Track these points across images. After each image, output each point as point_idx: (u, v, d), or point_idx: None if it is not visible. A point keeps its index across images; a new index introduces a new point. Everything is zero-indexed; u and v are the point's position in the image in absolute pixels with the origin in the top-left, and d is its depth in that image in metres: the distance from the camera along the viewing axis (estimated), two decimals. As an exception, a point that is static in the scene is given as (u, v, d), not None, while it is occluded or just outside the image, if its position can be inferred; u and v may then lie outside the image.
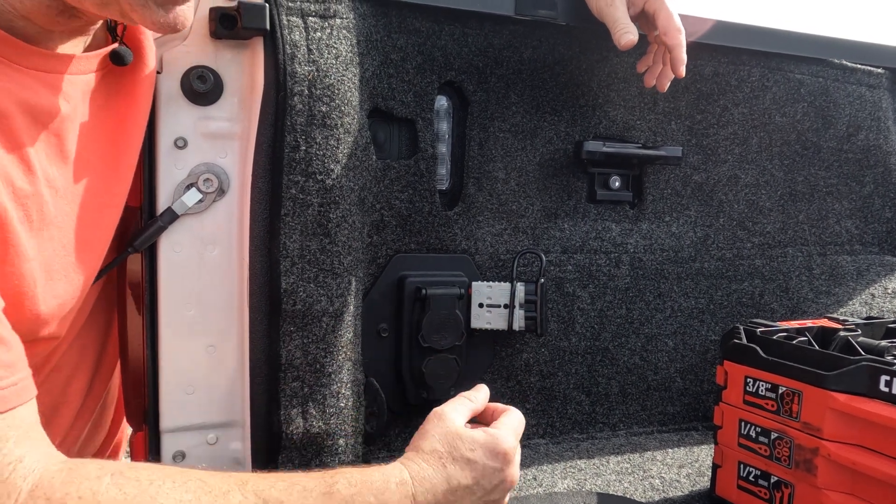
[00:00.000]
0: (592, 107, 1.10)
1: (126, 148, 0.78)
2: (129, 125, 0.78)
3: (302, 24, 0.84)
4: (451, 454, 0.69)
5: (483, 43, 1.01)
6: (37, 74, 0.67)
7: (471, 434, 0.71)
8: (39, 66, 0.68)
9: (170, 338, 0.86)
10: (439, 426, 0.71)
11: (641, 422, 1.19)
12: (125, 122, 0.77)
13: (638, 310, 1.16)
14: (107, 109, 0.76)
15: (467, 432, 0.71)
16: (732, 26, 1.15)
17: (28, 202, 0.67)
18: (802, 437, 0.78)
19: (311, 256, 0.86)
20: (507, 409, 0.78)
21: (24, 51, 0.66)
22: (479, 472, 0.69)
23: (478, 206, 1.05)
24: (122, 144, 0.77)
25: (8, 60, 0.65)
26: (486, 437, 0.71)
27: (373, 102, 0.95)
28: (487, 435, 0.71)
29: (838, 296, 1.29)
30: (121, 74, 0.76)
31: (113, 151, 0.77)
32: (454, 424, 0.72)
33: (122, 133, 0.77)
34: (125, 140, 0.78)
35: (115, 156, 0.77)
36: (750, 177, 1.23)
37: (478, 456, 0.70)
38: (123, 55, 0.74)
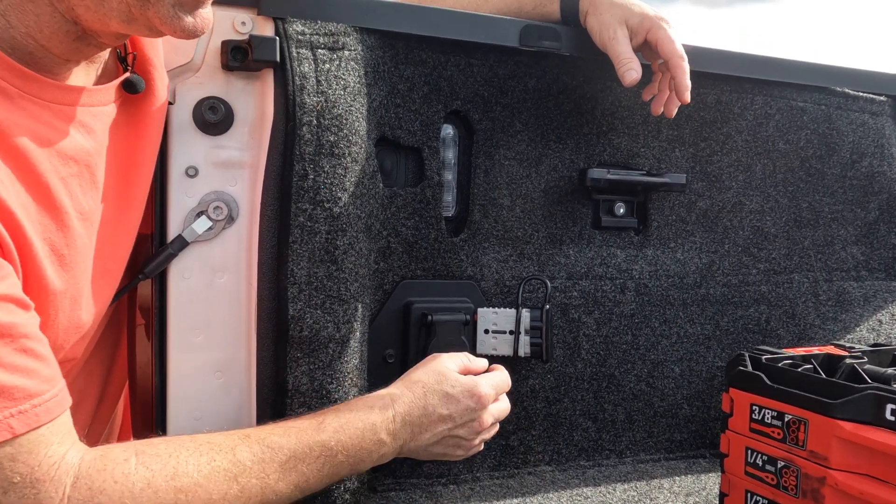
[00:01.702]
0: (597, 135, 1.12)
1: (138, 177, 0.80)
2: (142, 154, 0.80)
3: (311, 57, 0.87)
4: (433, 387, 0.81)
5: (488, 73, 1.03)
6: (61, 109, 0.69)
7: (455, 375, 0.83)
8: (62, 100, 0.70)
9: (178, 363, 0.87)
10: (430, 364, 0.84)
11: (648, 449, 1.18)
12: (138, 151, 0.79)
13: (644, 336, 1.17)
14: (122, 139, 0.78)
15: (452, 374, 0.83)
16: (735, 55, 1.17)
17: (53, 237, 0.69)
18: (809, 466, 0.78)
19: (319, 283, 0.87)
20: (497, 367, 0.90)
21: (46, 85, 0.68)
22: (454, 406, 0.81)
23: (483, 232, 1.06)
24: (135, 173, 0.79)
25: (31, 96, 0.67)
26: (466, 380, 0.83)
27: (380, 131, 0.97)
28: (469, 379, 0.83)
29: (845, 322, 1.29)
30: (134, 103, 0.78)
31: (126, 180, 0.79)
32: (443, 365, 0.84)
33: (135, 162, 0.79)
34: (138, 169, 0.79)
35: (128, 184, 0.79)
36: (755, 203, 1.24)
37: (456, 392, 0.82)
38: (136, 83, 0.77)
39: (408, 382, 0.82)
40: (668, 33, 0.98)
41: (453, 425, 0.82)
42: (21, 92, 0.66)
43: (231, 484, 0.69)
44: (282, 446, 0.73)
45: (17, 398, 0.60)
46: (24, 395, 0.61)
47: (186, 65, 0.85)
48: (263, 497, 0.71)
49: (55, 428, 0.63)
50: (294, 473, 0.73)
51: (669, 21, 1.00)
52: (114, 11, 0.65)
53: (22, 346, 0.61)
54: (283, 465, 0.72)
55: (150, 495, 0.65)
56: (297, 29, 0.86)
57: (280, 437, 0.74)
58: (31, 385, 0.61)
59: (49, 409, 0.63)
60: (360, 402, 0.80)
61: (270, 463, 0.72)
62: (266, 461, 0.72)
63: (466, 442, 0.85)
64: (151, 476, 0.66)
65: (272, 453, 0.72)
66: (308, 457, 0.74)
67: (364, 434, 0.77)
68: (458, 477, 1.06)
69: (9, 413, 0.59)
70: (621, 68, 0.97)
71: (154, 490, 0.66)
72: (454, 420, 0.82)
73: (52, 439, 0.63)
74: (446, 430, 0.82)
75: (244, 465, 0.70)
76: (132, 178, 0.79)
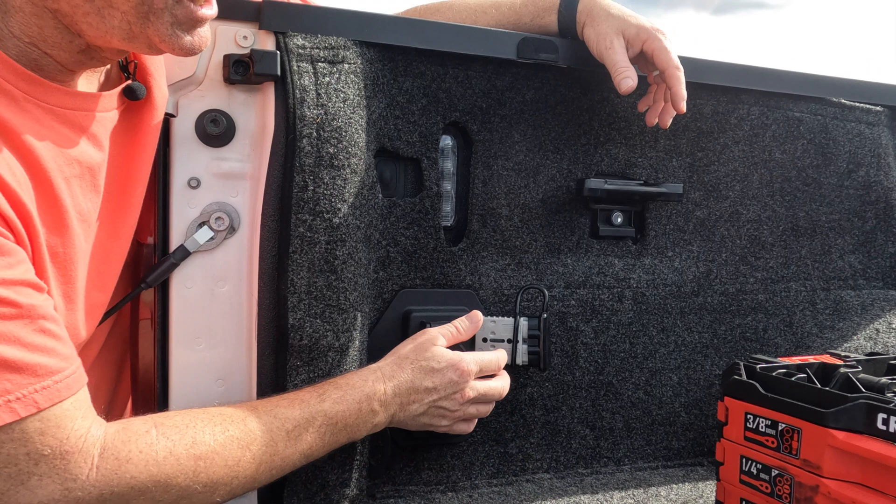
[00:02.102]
0: (594, 145, 1.13)
1: (135, 183, 0.81)
2: (139, 161, 0.81)
3: (311, 70, 0.88)
4: (420, 362, 0.88)
5: (486, 85, 1.05)
6: (65, 113, 0.71)
7: (441, 351, 0.90)
8: (67, 104, 0.71)
9: (180, 371, 0.88)
10: (419, 339, 0.91)
11: (646, 457, 1.18)
12: (135, 159, 0.81)
13: (641, 344, 1.17)
14: (121, 146, 0.79)
15: (438, 349, 0.90)
16: (731, 66, 1.18)
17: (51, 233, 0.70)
18: (803, 475, 0.79)
19: (318, 292, 0.88)
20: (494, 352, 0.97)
21: (50, 89, 0.70)
22: (438, 379, 0.88)
23: (482, 242, 1.07)
24: (132, 180, 0.81)
25: (36, 100, 0.68)
26: (451, 355, 0.90)
27: (379, 143, 0.98)
28: (454, 354, 0.90)
29: (842, 331, 1.29)
30: (133, 111, 0.80)
31: (123, 186, 0.80)
32: (430, 341, 0.90)
33: (132, 168, 0.81)
34: (135, 176, 0.81)
35: (124, 190, 0.80)
36: (752, 212, 1.25)
37: (441, 367, 0.89)
38: (137, 90, 0.79)
39: (397, 358, 0.89)
40: (664, 44, 1.00)
41: (438, 397, 0.89)
42: (26, 96, 0.68)
43: (244, 451, 0.75)
44: (288, 416, 0.79)
45: (40, 375, 0.63)
46: (47, 372, 0.64)
47: (189, 78, 0.86)
48: (272, 463, 0.77)
49: (77, 403, 0.67)
50: (300, 441, 0.79)
51: (666, 32, 1.01)
52: (115, 29, 0.67)
53: (41, 326, 0.65)
54: (289, 433, 0.78)
55: (172, 463, 0.70)
56: (298, 43, 0.88)
57: (286, 409, 0.79)
58: (51, 363, 0.65)
59: (69, 384, 0.66)
60: (356, 377, 0.86)
61: (278, 431, 0.77)
62: (274, 430, 0.77)
63: (450, 413, 0.91)
64: (172, 445, 0.71)
65: (279, 423, 0.78)
66: (312, 425, 0.80)
67: (360, 405, 0.83)
68: (456, 484, 1.07)
69: (33, 389, 0.63)
70: (617, 76, 0.99)
71: (176, 458, 0.70)
72: (438, 392, 0.89)
73: (75, 414, 0.66)
74: (431, 401, 0.89)
75: (255, 434, 0.76)
76: (129, 185, 0.81)
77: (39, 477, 0.64)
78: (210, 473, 0.72)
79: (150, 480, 0.69)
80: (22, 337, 0.63)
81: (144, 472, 0.69)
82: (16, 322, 0.63)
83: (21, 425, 0.62)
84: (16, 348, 0.62)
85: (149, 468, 0.69)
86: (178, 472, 0.70)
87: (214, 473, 0.73)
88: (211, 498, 0.74)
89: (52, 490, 0.64)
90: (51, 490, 0.64)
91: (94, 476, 0.66)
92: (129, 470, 0.68)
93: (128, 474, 0.68)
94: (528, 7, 1.05)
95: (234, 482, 0.75)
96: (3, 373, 0.61)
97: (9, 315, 0.62)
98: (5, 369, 0.61)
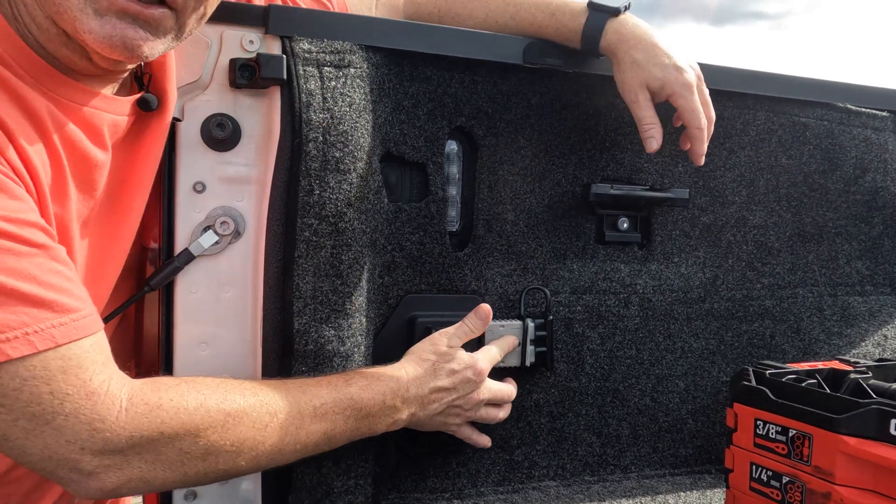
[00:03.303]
0: (600, 150, 1.13)
1: (137, 189, 0.81)
2: (143, 167, 0.81)
3: (317, 74, 0.88)
4: (440, 364, 0.90)
5: (492, 90, 1.04)
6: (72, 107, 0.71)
7: (459, 353, 0.92)
8: (77, 99, 0.71)
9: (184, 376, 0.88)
10: (437, 342, 0.93)
11: (653, 464, 1.17)
12: (140, 165, 0.81)
13: (648, 350, 1.17)
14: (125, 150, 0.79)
15: (457, 351, 0.93)
16: (737, 72, 1.18)
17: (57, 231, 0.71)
18: (814, 482, 0.78)
19: (324, 297, 0.88)
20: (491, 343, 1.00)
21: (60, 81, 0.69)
22: (457, 378, 0.91)
23: (487, 247, 1.07)
24: (132, 183, 0.81)
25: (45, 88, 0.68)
26: (468, 357, 0.93)
27: (385, 147, 0.98)
28: (469, 356, 0.93)
29: (850, 337, 1.29)
30: (143, 120, 0.80)
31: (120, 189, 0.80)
32: (447, 343, 0.92)
33: (133, 172, 0.80)
34: (136, 179, 0.81)
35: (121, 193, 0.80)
36: (758, 218, 1.24)
37: (459, 368, 0.91)
38: (150, 101, 0.79)
39: (417, 359, 0.90)
40: (689, 102, 0.97)
41: (456, 396, 0.91)
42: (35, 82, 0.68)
43: (272, 417, 0.75)
44: (316, 394, 0.80)
45: (57, 311, 0.63)
46: (63, 310, 0.63)
47: (195, 82, 0.86)
48: (297, 437, 0.77)
49: (97, 346, 0.67)
50: (325, 420, 0.79)
51: (693, 74, 0.98)
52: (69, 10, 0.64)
53: (55, 267, 0.64)
54: (316, 409, 0.79)
55: (203, 414, 0.70)
56: (304, 47, 0.88)
57: (314, 387, 0.81)
58: (69, 301, 0.64)
59: (86, 325, 0.65)
60: (380, 371, 0.87)
61: (306, 406, 0.78)
62: (302, 404, 0.78)
63: (464, 412, 0.94)
64: (204, 398, 0.71)
65: (308, 398, 0.79)
66: (337, 406, 0.80)
67: (385, 397, 0.84)
68: (461, 492, 1.06)
69: (50, 324, 0.62)
70: (643, 134, 0.99)
71: (206, 409, 0.71)
72: (457, 391, 0.91)
73: (96, 357, 0.66)
74: (450, 400, 0.91)
75: (283, 404, 0.76)
76: (129, 189, 0.80)
77: (65, 416, 0.63)
78: (238, 432, 0.72)
79: (180, 428, 0.69)
80: (37, 275, 0.62)
81: (175, 418, 0.68)
82: (31, 259, 0.62)
83: (42, 362, 0.61)
84: (31, 284, 0.61)
85: (179, 415, 0.69)
86: (209, 424, 0.70)
87: (242, 433, 0.73)
88: (236, 459, 0.73)
89: (79, 430, 0.63)
90: (78, 430, 0.63)
91: (123, 418, 0.66)
92: (160, 415, 0.68)
93: (158, 419, 0.67)
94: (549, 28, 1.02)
95: (260, 447, 0.74)
96: (21, 306, 0.60)
97: (24, 252, 0.62)
98: (22, 302, 0.60)
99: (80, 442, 0.64)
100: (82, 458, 0.64)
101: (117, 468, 0.66)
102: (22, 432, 0.62)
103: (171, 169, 0.86)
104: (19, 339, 0.60)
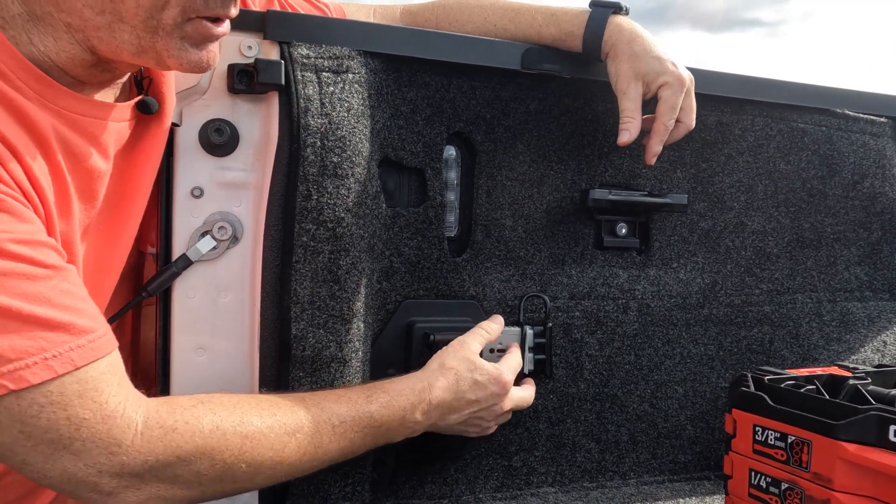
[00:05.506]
0: (598, 155, 1.13)
1: (136, 194, 0.81)
2: (141, 171, 0.81)
3: (316, 80, 0.88)
4: (465, 374, 0.89)
5: (490, 95, 1.04)
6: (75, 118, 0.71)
7: (483, 364, 0.91)
8: (79, 110, 0.71)
9: (181, 381, 0.87)
10: (460, 351, 0.91)
11: (652, 470, 1.17)
12: (139, 170, 0.80)
13: (647, 356, 1.16)
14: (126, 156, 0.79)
15: (480, 361, 0.91)
16: (735, 78, 1.18)
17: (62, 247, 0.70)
18: (813, 488, 0.77)
19: (321, 303, 0.88)
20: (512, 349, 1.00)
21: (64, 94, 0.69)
22: (481, 392, 0.90)
23: (486, 252, 1.07)
24: (132, 189, 0.80)
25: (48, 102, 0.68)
26: (493, 368, 0.91)
27: (383, 153, 0.98)
28: (495, 368, 0.92)
29: (849, 343, 1.28)
30: (143, 124, 0.80)
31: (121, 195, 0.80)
32: (472, 352, 0.91)
33: (133, 178, 0.80)
34: (135, 185, 0.81)
35: (122, 200, 0.80)
36: (756, 224, 1.24)
37: (484, 380, 0.90)
38: (150, 105, 0.79)
39: (442, 369, 0.89)
40: (674, 96, 0.97)
41: (479, 409, 0.91)
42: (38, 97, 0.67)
43: (290, 438, 0.75)
44: (335, 412, 0.79)
45: (73, 333, 0.63)
46: (79, 331, 0.63)
47: (193, 87, 0.86)
48: (315, 456, 0.77)
49: (112, 367, 0.67)
50: (343, 439, 0.79)
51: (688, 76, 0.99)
52: (125, 43, 0.67)
53: (67, 288, 0.64)
54: (335, 428, 0.78)
55: (218, 437, 0.70)
56: (302, 53, 0.88)
57: (333, 404, 0.80)
58: (83, 322, 0.64)
59: (102, 345, 0.66)
60: (402, 384, 0.86)
61: (325, 425, 0.78)
62: (321, 423, 0.77)
63: (485, 423, 0.94)
64: (220, 420, 0.71)
65: (326, 416, 0.78)
66: (357, 425, 0.80)
67: (405, 413, 0.84)
68: (459, 498, 1.05)
69: (68, 347, 0.62)
70: (620, 125, 0.99)
71: (223, 433, 0.70)
72: (480, 404, 0.90)
73: (111, 378, 0.66)
74: (472, 412, 0.90)
75: (301, 424, 0.76)
76: (129, 195, 0.80)
77: (82, 442, 0.63)
78: (255, 454, 0.72)
79: (195, 451, 0.69)
80: (51, 297, 0.62)
81: (190, 441, 0.68)
82: (45, 282, 0.62)
83: (59, 387, 0.61)
84: (46, 308, 0.62)
85: (195, 439, 0.69)
86: (224, 447, 0.70)
87: (260, 455, 0.72)
88: (253, 479, 0.73)
89: (96, 455, 0.64)
90: (95, 455, 0.64)
91: (139, 442, 0.66)
92: (175, 439, 0.68)
93: (173, 443, 0.67)
94: (550, 28, 1.02)
95: (278, 468, 0.74)
96: (38, 331, 0.60)
97: (39, 276, 0.62)
98: (39, 327, 0.61)
99: (97, 465, 0.64)
100: (100, 481, 0.65)
101: (135, 488, 0.67)
102: (41, 457, 0.63)
103: (168, 174, 0.86)
104: (38, 365, 0.60)
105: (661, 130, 1.00)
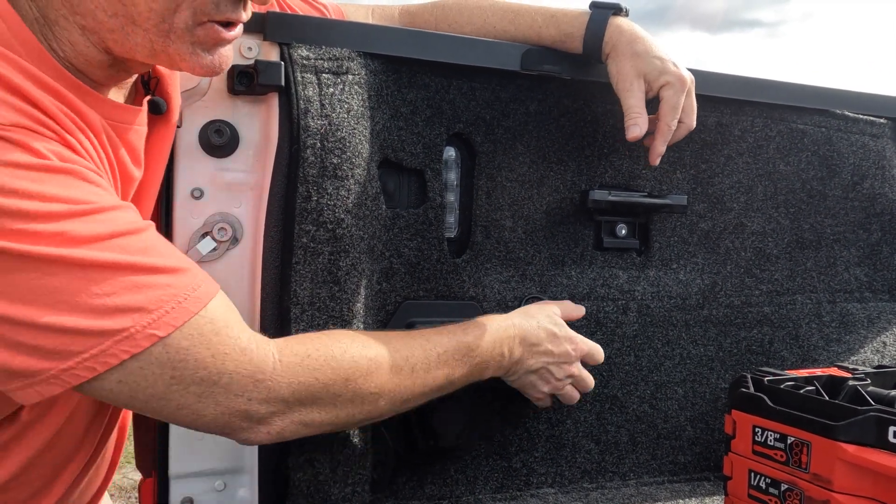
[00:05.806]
0: (598, 157, 1.13)
1: (145, 195, 0.81)
2: (152, 174, 0.81)
3: (316, 81, 0.88)
4: (546, 324, 0.96)
5: (490, 96, 1.05)
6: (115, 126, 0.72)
7: (562, 322, 0.99)
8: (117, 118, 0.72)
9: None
10: (545, 308, 0.99)
11: (652, 471, 1.17)
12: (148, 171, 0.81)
13: (646, 357, 1.16)
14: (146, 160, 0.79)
15: (560, 320, 0.99)
16: (735, 79, 1.18)
17: None
18: (813, 489, 0.77)
19: (321, 304, 0.88)
20: None
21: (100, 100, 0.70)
22: (557, 346, 0.96)
23: (486, 253, 1.07)
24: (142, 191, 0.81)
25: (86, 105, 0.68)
26: (570, 330, 0.99)
27: (383, 154, 0.98)
28: (571, 331, 0.99)
29: (849, 343, 1.28)
30: (154, 124, 0.80)
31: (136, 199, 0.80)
32: (553, 311, 0.99)
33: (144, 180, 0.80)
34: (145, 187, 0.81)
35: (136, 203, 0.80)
36: (756, 225, 1.24)
37: (561, 335, 0.97)
38: (160, 105, 0.79)
39: (526, 315, 0.96)
40: (676, 96, 0.98)
41: (553, 360, 0.96)
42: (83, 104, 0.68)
43: (405, 362, 0.81)
44: (438, 342, 0.86)
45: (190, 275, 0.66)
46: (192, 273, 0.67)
47: (194, 89, 0.86)
48: (425, 380, 0.84)
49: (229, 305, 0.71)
50: (446, 366, 0.85)
51: (689, 76, 0.99)
52: (139, 46, 0.67)
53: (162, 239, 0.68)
54: (440, 356, 0.85)
55: (349, 360, 0.76)
56: (302, 54, 0.88)
57: (436, 335, 0.87)
58: (193, 266, 0.68)
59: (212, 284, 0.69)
60: (491, 321, 0.92)
61: (431, 352, 0.84)
62: (428, 350, 0.84)
63: (555, 380, 0.98)
64: (346, 346, 0.77)
65: (432, 345, 0.85)
66: (457, 352, 0.86)
67: (494, 344, 0.90)
68: (459, 499, 1.05)
69: (191, 287, 0.66)
70: (627, 121, 0.99)
71: (351, 356, 0.77)
72: (554, 356, 0.96)
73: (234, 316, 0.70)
74: (545, 362, 0.96)
75: (413, 350, 0.83)
76: (142, 198, 0.80)
77: (229, 375, 0.67)
78: (379, 376, 0.78)
79: (332, 373, 0.74)
80: (159, 246, 0.66)
81: (325, 365, 0.74)
82: (149, 234, 0.66)
83: (196, 328, 0.65)
84: (162, 257, 0.65)
85: (330, 363, 0.74)
86: (355, 369, 0.76)
87: (382, 377, 0.78)
88: (376, 404, 0.79)
89: (244, 384, 0.68)
90: (243, 384, 0.68)
91: (280, 368, 0.70)
92: (311, 364, 0.73)
93: (311, 367, 0.73)
94: (550, 29, 1.03)
95: (397, 390, 0.80)
96: (165, 278, 0.64)
97: (142, 228, 0.65)
98: (164, 274, 0.64)
99: (247, 394, 0.68)
100: (251, 408, 0.69)
101: (282, 413, 0.72)
102: (194, 397, 0.66)
103: (169, 175, 0.86)
104: (176, 310, 0.63)
105: (664, 130, 1.00)
